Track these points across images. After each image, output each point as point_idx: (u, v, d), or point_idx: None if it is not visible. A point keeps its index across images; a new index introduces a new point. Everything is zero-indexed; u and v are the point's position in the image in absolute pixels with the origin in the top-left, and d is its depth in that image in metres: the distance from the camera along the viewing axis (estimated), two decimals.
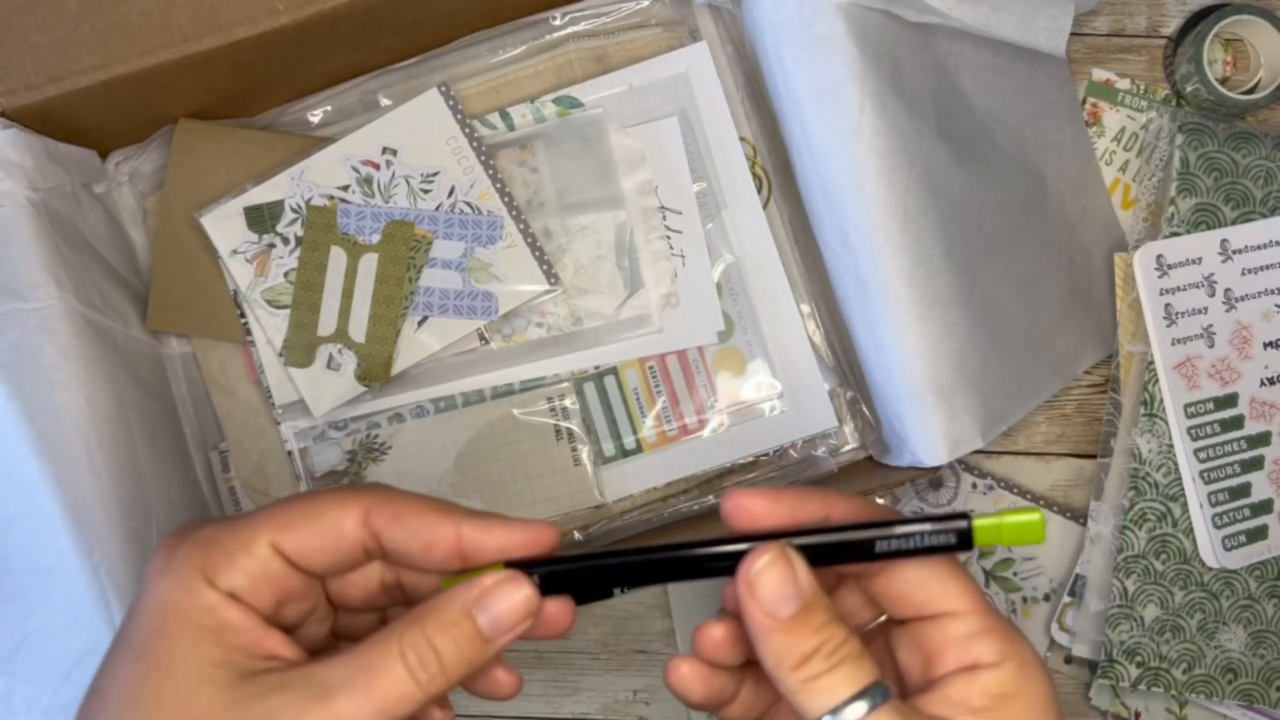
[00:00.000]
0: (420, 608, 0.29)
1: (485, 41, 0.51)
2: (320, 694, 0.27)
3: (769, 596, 0.29)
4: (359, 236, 0.50)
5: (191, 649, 0.28)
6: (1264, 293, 0.52)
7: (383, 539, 0.30)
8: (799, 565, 0.29)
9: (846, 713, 0.28)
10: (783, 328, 0.52)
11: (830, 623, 0.29)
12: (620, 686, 0.55)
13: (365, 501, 0.30)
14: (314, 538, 0.30)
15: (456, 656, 0.29)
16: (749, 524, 0.30)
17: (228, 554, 0.29)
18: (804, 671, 0.28)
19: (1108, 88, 0.55)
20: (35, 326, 0.43)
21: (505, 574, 0.29)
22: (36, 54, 0.43)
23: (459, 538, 0.29)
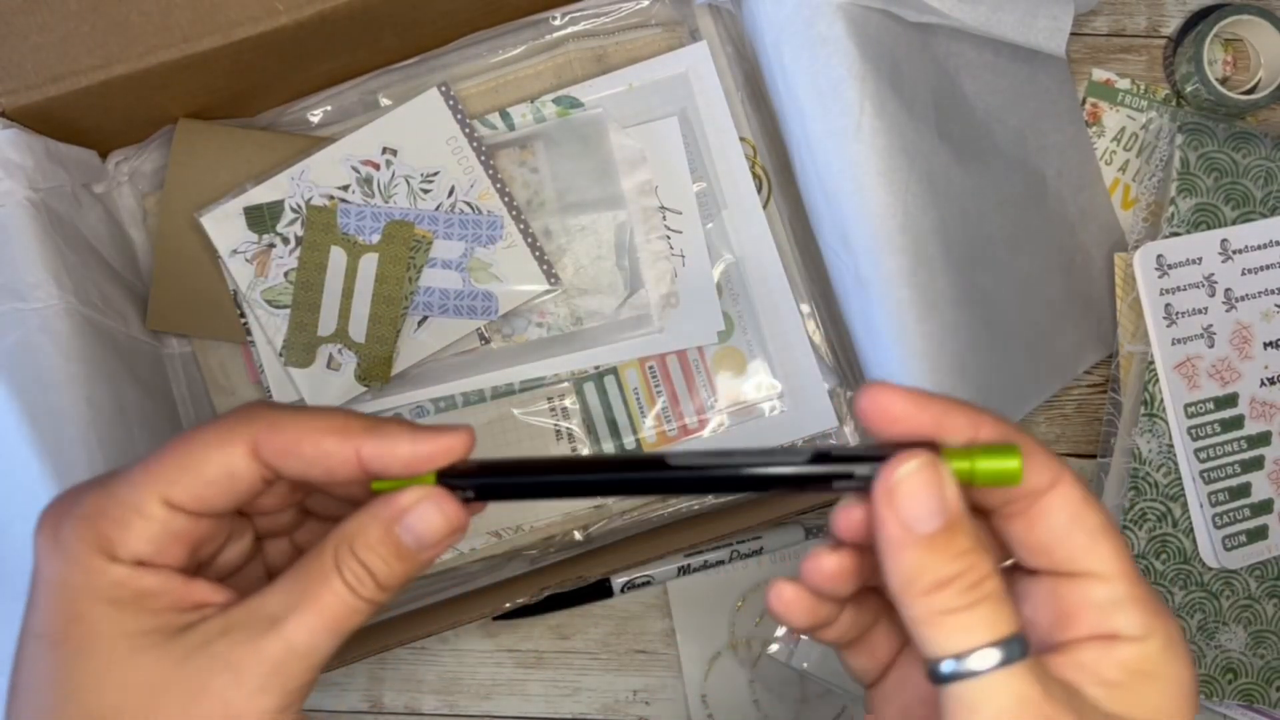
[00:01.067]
0: (346, 525, 0.28)
1: (485, 41, 0.51)
2: (268, 625, 0.27)
3: (910, 507, 0.25)
4: (359, 236, 0.50)
5: (114, 624, 0.27)
6: (1264, 293, 0.52)
7: (279, 471, 0.28)
8: (948, 480, 0.25)
9: (974, 660, 0.24)
10: (783, 328, 0.52)
11: (974, 551, 0.25)
12: (620, 687, 0.55)
13: (250, 434, 0.28)
14: (205, 485, 0.28)
15: (388, 573, 0.28)
16: (886, 427, 0.26)
17: (119, 523, 0.27)
18: (935, 601, 0.25)
19: (1108, 88, 0.55)
20: (36, 326, 0.43)
21: (423, 492, 0.28)
22: (37, 54, 0.42)
23: (360, 459, 0.28)
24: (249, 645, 0.27)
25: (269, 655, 0.27)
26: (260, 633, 0.27)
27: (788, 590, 0.29)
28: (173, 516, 0.27)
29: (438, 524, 0.28)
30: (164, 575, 0.27)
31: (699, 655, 0.55)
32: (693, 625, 0.55)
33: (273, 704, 0.27)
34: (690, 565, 0.54)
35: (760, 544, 0.54)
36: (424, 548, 0.28)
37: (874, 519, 0.26)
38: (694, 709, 0.55)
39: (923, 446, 0.26)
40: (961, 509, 0.25)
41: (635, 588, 0.54)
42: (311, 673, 0.27)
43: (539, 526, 0.51)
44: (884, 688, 0.31)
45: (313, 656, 0.27)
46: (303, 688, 0.27)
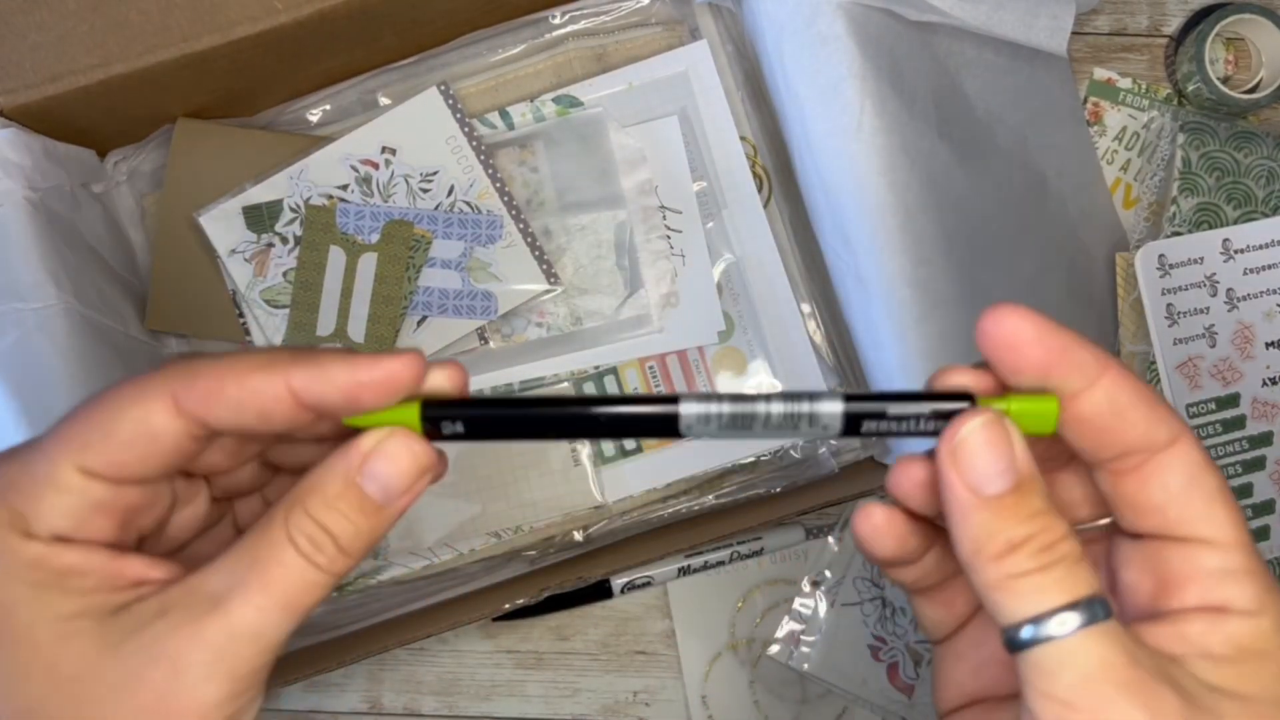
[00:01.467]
0: (301, 484, 0.25)
1: (485, 40, 0.51)
2: (210, 605, 0.24)
3: (976, 466, 0.23)
4: (358, 236, 0.50)
5: (36, 610, 0.24)
6: (1266, 292, 0.51)
7: (208, 423, 0.25)
8: (1017, 438, 0.24)
9: (1052, 624, 0.23)
10: (783, 328, 0.51)
11: (1046, 513, 0.24)
12: (620, 688, 0.55)
13: (167, 388, 0.24)
14: (121, 449, 0.24)
15: (352, 533, 0.25)
16: (1005, 353, 0.24)
17: (29, 497, 0.24)
18: (1007, 565, 0.23)
19: (1109, 87, 0.55)
20: (34, 326, 0.43)
21: (385, 432, 0.25)
22: (35, 53, 0.42)
23: (293, 394, 0.24)
24: (187, 629, 0.24)
25: (210, 640, 0.24)
26: (200, 614, 0.24)
27: (878, 513, 0.27)
28: (90, 485, 0.25)
29: (406, 466, 0.25)
30: (88, 551, 0.25)
31: (699, 656, 0.54)
32: (693, 626, 0.54)
33: (218, 693, 0.24)
34: (690, 566, 0.54)
35: (761, 544, 0.54)
36: (392, 497, 0.25)
37: (939, 481, 0.24)
38: (694, 710, 0.54)
39: (962, 396, 0.24)
40: (1032, 468, 0.24)
41: (635, 588, 0.54)
42: (264, 655, 0.25)
43: (539, 527, 0.51)
44: (957, 645, 0.29)
45: (263, 639, 0.24)
46: (255, 672, 0.25)
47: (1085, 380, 0.24)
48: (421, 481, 0.25)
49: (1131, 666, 0.23)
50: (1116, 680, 0.22)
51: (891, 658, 0.53)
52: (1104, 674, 0.23)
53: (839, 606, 0.54)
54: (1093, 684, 0.23)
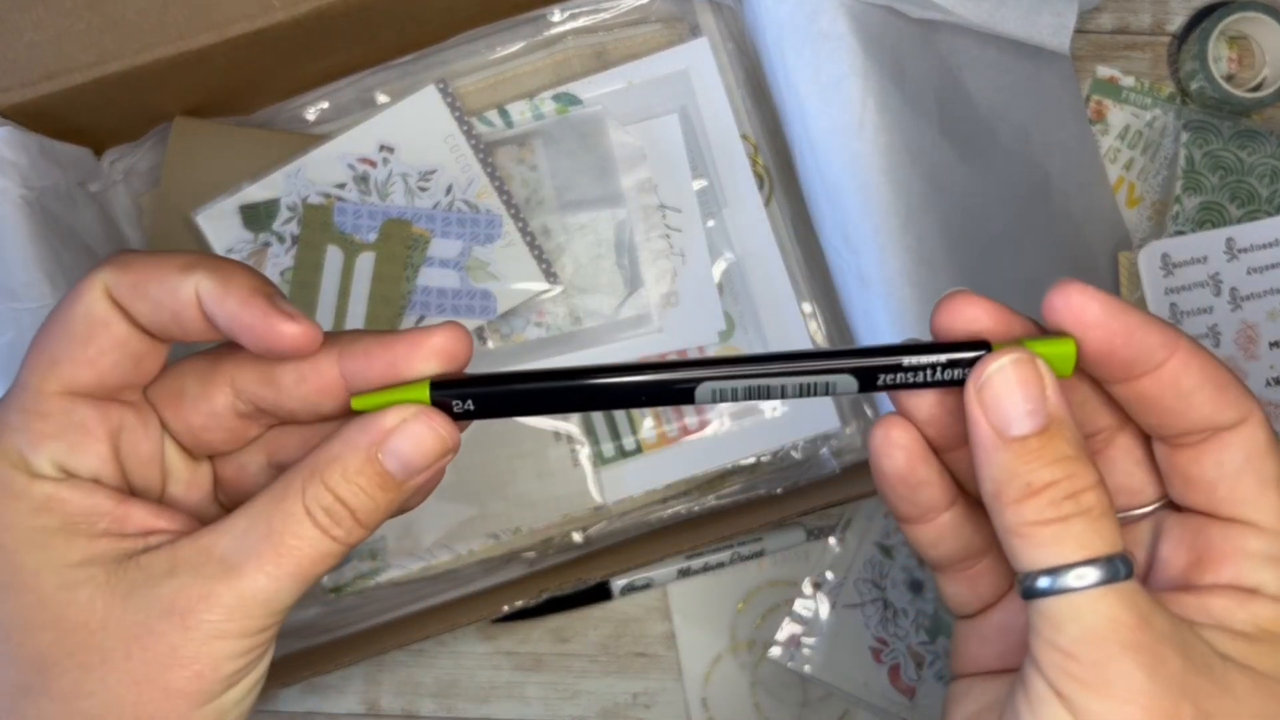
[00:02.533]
0: (318, 454, 0.25)
1: (483, 38, 0.51)
2: (223, 569, 0.24)
3: (1002, 405, 0.23)
4: (356, 235, 0.50)
5: (42, 557, 0.24)
6: (1270, 292, 0.51)
7: (132, 313, 0.25)
8: (1049, 380, 0.23)
9: (1070, 577, 0.22)
10: (784, 327, 0.51)
11: (1076, 458, 0.23)
12: (620, 690, 0.55)
13: (100, 279, 0.25)
14: (81, 346, 0.25)
15: (370, 507, 0.25)
16: (1077, 316, 0.24)
17: (20, 429, 0.24)
18: (1025, 510, 0.23)
19: (1112, 85, 0.54)
20: (29, 326, 0.43)
21: (411, 410, 0.25)
22: (31, 51, 0.42)
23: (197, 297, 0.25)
24: (198, 588, 0.24)
25: (222, 601, 0.24)
26: (212, 577, 0.24)
27: (895, 423, 0.26)
28: (75, 406, 0.25)
29: (430, 444, 0.25)
30: (92, 492, 0.25)
31: (699, 658, 0.54)
32: (693, 628, 0.54)
33: (228, 649, 0.24)
34: (690, 567, 0.53)
35: (761, 546, 0.54)
36: (412, 473, 0.25)
37: (967, 420, 0.24)
38: (694, 712, 0.54)
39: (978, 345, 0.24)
40: (1063, 411, 0.23)
41: (635, 590, 0.54)
42: (275, 616, 0.25)
43: (537, 529, 0.51)
44: (980, 626, 0.28)
45: (275, 602, 0.25)
46: (264, 630, 0.25)
47: (1152, 362, 0.24)
48: (445, 461, 0.25)
49: (1140, 628, 0.22)
50: (1122, 640, 0.22)
51: (893, 660, 0.53)
52: (1111, 632, 0.22)
53: (840, 608, 0.53)
54: (1097, 640, 0.22)
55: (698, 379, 0.25)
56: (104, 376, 0.25)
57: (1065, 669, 0.22)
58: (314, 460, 0.25)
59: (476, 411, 0.25)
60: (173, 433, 0.27)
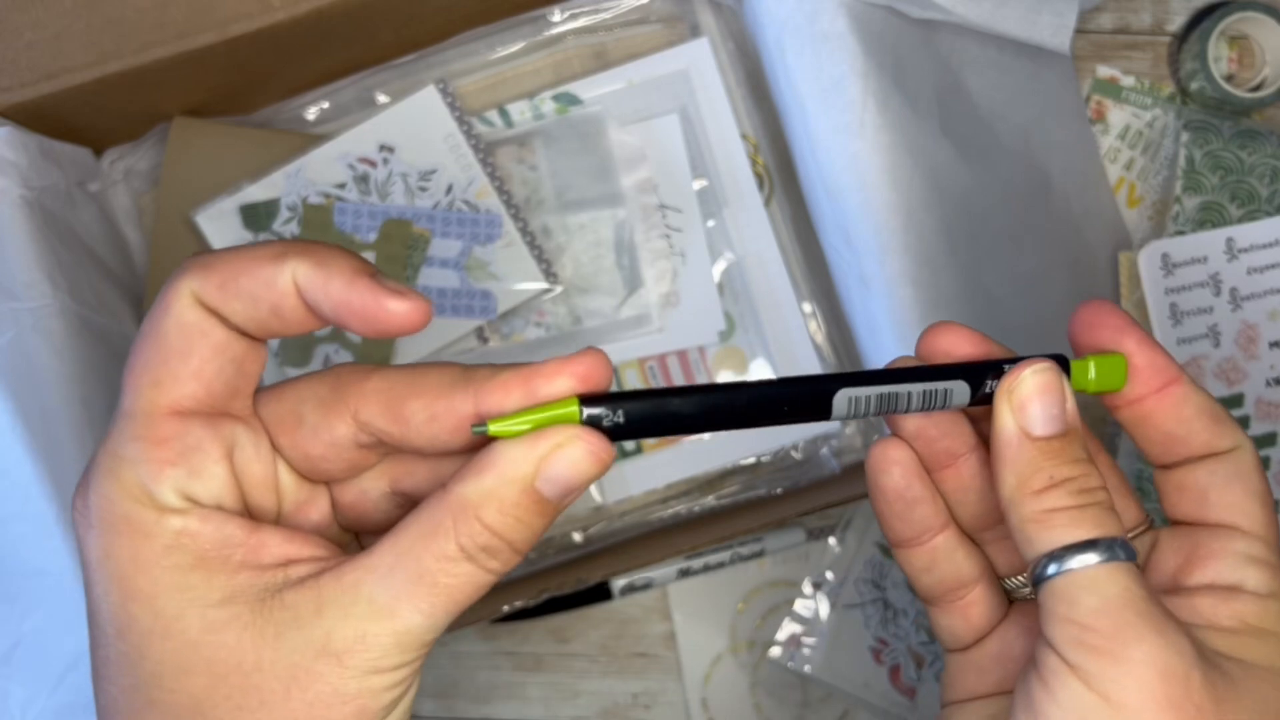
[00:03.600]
0: (467, 487, 0.23)
1: (483, 38, 0.51)
2: (372, 610, 0.23)
3: (1030, 407, 0.25)
4: (356, 235, 0.50)
5: (182, 599, 0.23)
6: (1270, 292, 0.51)
7: (223, 314, 0.24)
8: (1068, 391, 0.26)
9: (1087, 555, 0.24)
10: (785, 327, 0.51)
11: (1089, 462, 0.25)
12: (620, 690, 0.55)
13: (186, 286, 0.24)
14: (180, 360, 0.24)
15: (528, 536, 0.24)
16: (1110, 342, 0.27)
17: (139, 460, 0.23)
18: (1047, 499, 0.25)
19: (1112, 85, 0.54)
20: (29, 326, 0.42)
21: (568, 434, 0.23)
22: (30, 51, 0.42)
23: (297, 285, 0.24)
24: (352, 630, 0.23)
25: (380, 643, 0.23)
26: (363, 618, 0.23)
27: (893, 443, 0.28)
28: (187, 426, 0.23)
29: (587, 466, 0.24)
30: (224, 523, 0.24)
31: (700, 658, 0.54)
32: (693, 628, 0.54)
33: (387, 681, 0.24)
34: (691, 568, 0.53)
35: (761, 546, 0.54)
36: (569, 496, 0.24)
37: (993, 421, 0.26)
38: (694, 713, 0.54)
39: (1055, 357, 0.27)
40: (1079, 421, 0.26)
41: (635, 590, 0.54)
42: (430, 645, 0.24)
43: None
44: (979, 659, 0.29)
45: (430, 634, 0.24)
46: (420, 655, 0.24)
47: (1158, 383, 0.27)
48: (597, 478, 0.24)
49: (1151, 601, 0.24)
50: (1137, 609, 0.24)
51: (893, 660, 0.53)
52: (1126, 601, 0.24)
53: (841, 608, 0.53)
54: (1114, 609, 0.23)
55: (835, 387, 0.26)
56: (211, 388, 0.24)
57: (1082, 640, 0.24)
58: (463, 495, 0.24)
59: (625, 426, 0.24)
60: (287, 458, 0.26)
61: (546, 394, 0.24)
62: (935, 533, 0.28)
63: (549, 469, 0.23)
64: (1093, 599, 0.24)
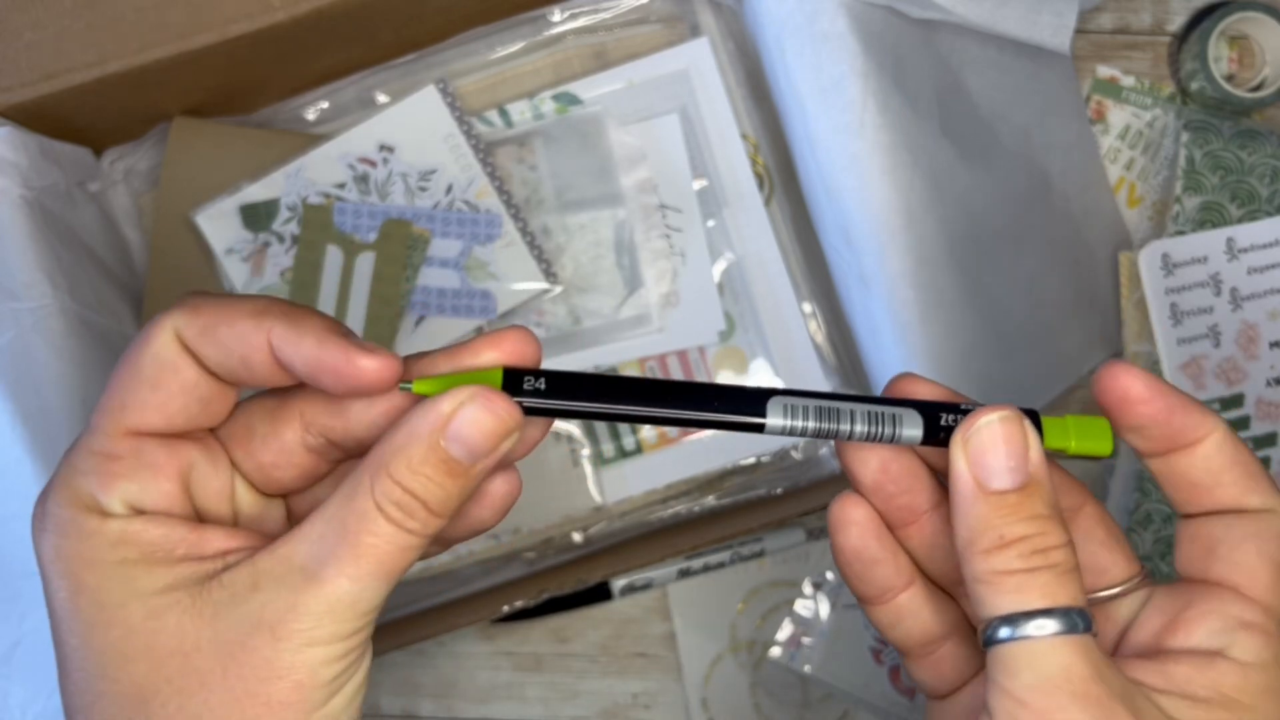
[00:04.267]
0: (383, 447, 0.24)
1: (483, 38, 0.51)
2: (304, 578, 0.24)
3: (985, 459, 0.24)
4: (356, 235, 0.50)
5: (126, 589, 0.24)
6: (1270, 292, 0.51)
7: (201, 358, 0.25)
8: (1033, 439, 0.24)
9: (1030, 626, 0.23)
10: (785, 327, 0.51)
11: (1047, 519, 0.24)
12: (620, 690, 0.55)
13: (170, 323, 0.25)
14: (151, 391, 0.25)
15: (441, 496, 0.24)
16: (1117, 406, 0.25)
17: (92, 473, 0.24)
18: (995, 560, 0.23)
19: (1112, 85, 0.54)
20: (29, 326, 0.42)
21: (466, 393, 0.24)
22: (30, 51, 0.42)
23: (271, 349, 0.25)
24: (284, 600, 0.24)
25: (310, 609, 0.24)
26: (295, 587, 0.24)
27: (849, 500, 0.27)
28: (143, 446, 0.25)
29: (489, 425, 0.24)
30: (168, 524, 0.25)
31: (700, 659, 0.54)
32: (693, 628, 0.54)
33: (324, 655, 0.24)
34: (690, 568, 0.53)
35: (761, 546, 0.54)
36: (478, 456, 0.24)
37: (949, 470, 0.25)
38: (694, 713, 0.54)
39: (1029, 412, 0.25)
40: (1043, 473, 0.24)
41: (635, 590, 0.53)
42: (365, 618, 0.24)
43: (538, 529, 0.51)
44: (953, 709, 0.29)
45: (362, 604, 0.24)
46: (357, 633, 0.24)
47: (1188, 439, 0.25)
48: (507, 441, 0.25)
49: (1093, 681, 0.23)
50: (1073, 690, 0.23)
51: (893, 660, 0.53)
52: (1063, 681, 0.23)
53: (841, 608, 0.53)
54: (1049, 688, 0.23)
55: (770, 391, 0.25)
56: (172, 419, 0.25)
57: (1015, 716, 0.23)
58: (379, 454, 0.24)
59: (548, 393, 0.25)
60: (244, 472, 0.27)
61: (472, 365, 0.25)
62: (898, 591, 0.28)
63: (453, 428, 0.24)
64: (1029, 675, 0.23)
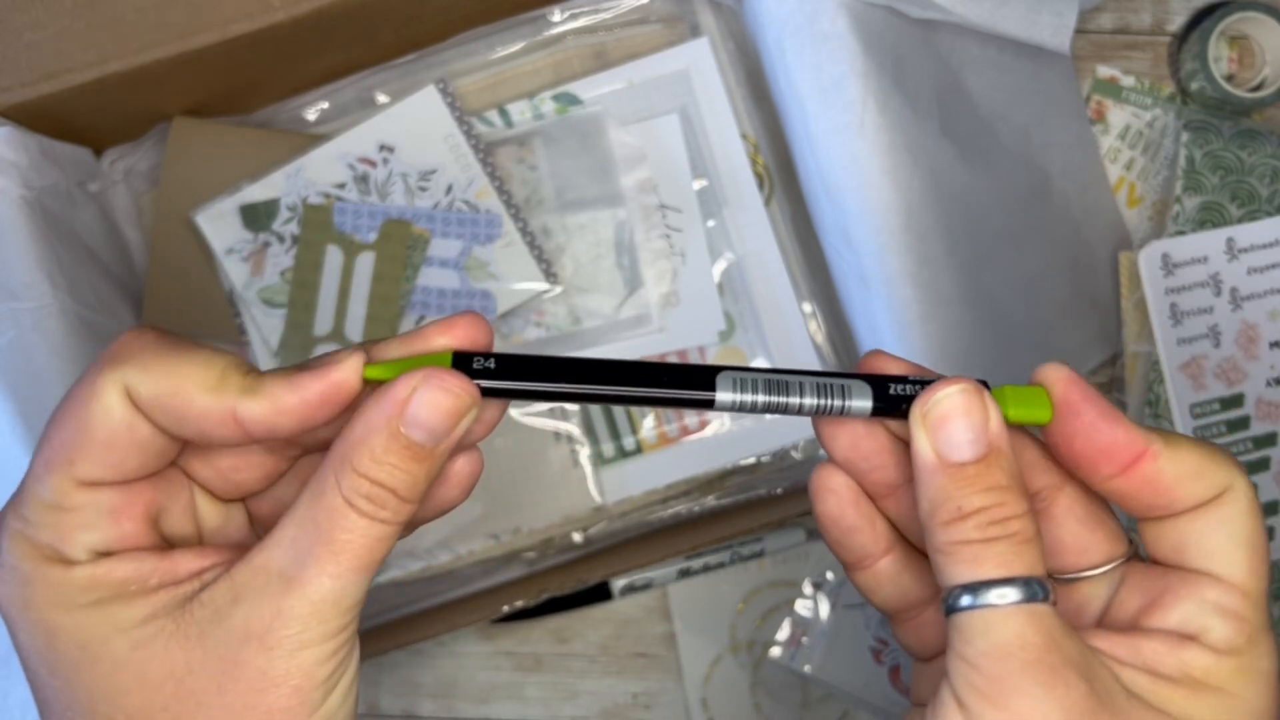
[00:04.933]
0: (343, 440, 0.24)
1: (483, 38, 0.51)
2: (284, 584, 0.24)
3: (943, 431, 0.24)
4: (356, 235, 0.50)
5: (106, 627, 0.24)
6: (1270, 292, 0.51)
7: (155, 423, 0.24)
8: (994, 412, 0.24)
9: (989, 595, 0.23)
10: (784, 327, 0.51)
11: (1007, 489, 0.24)
12: (620, 690, 0.55)
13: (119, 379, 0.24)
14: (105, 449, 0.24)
15: (409, 482, 0.24)
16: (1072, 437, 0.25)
17: (50, 527, 0.24)
18: (953, 531, 0.24)
19: (1112, 85, 0.54)
20: (29, 326, 0.42)
21: (418, 377, 0.24)
22: (31, 51, 0.42)
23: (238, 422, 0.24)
24: (268, 609, 0.23)
25: (294, 613, 0.24)
26: (276, 594, 0.24)
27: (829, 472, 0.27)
28: (98, 495, 0.24)
29: (447, 405, 0.24)
30: (136, 558, 0.24)
31: (699, 659, 0.54)
32: (693, 628, 0.54)
33: (316, 656, 0.24)
34: (691, 568, 0.53)
35: (761, 546, 0.54)
36: (439, 438, 0.24)
37: (911, 442, 0.25)
38: (694, 713, 0.54)
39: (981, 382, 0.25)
40: (1004, 443, 0.24)
41: (635, 590, 0.53)
42: (350, 613, 0.24)
43: (538, 529, 0.51)
44: (934, 673, 0.29)
45: (345, 600, 0.24)
46: (344, 629, 0.24)
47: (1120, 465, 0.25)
48: (465, 418, 0.25)
49: (1047, 650, 0.23)
50: (1025, 658, 0.23)
51: (893, 660, 0.53)
52: (1016, 649, 0.23)
53: (841, 608, 0.53)
54: (1001, 655, 0.23)
55: (718, 368, 0.25)
56: (127, 473, 0.25)
57: (969, 680, 0.23)
58: (341, 449, 0.24)
59: (497, 373, 0.25)
60: (201, 480, 0.27)
61: (423, 349, 0.25)
62: (877, 558, 0.28)
63: (410, 413, 0.24)
64: (985, 641, 0.23)
